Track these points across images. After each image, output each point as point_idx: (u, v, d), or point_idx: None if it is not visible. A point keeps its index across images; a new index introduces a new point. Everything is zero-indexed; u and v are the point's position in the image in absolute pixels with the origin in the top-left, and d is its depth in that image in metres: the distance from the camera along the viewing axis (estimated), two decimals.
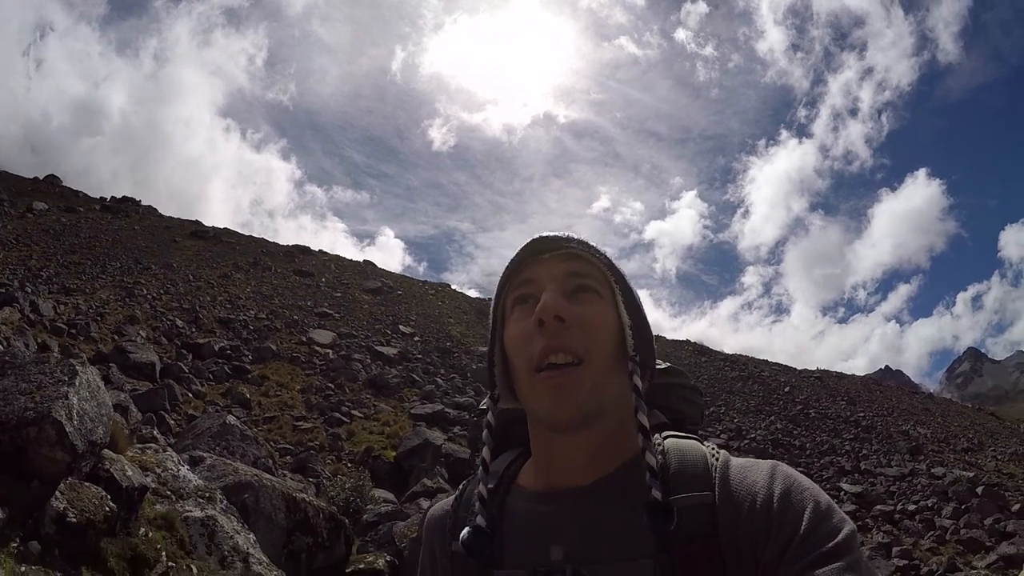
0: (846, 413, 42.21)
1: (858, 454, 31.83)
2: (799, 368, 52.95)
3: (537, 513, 1.09)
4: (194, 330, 25.45)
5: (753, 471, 1.02)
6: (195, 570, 5.46)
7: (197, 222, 50.03)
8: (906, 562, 19.34)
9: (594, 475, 1.06)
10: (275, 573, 6.35)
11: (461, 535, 1.08)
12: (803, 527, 0.93)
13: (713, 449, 1.09)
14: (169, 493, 6.58)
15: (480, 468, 1.14)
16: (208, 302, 30.17)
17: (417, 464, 17.66)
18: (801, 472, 1.04)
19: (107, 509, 5.17)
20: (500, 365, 1.15)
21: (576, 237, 1.13)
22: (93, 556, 4.80)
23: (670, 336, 55.43)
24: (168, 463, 7.21)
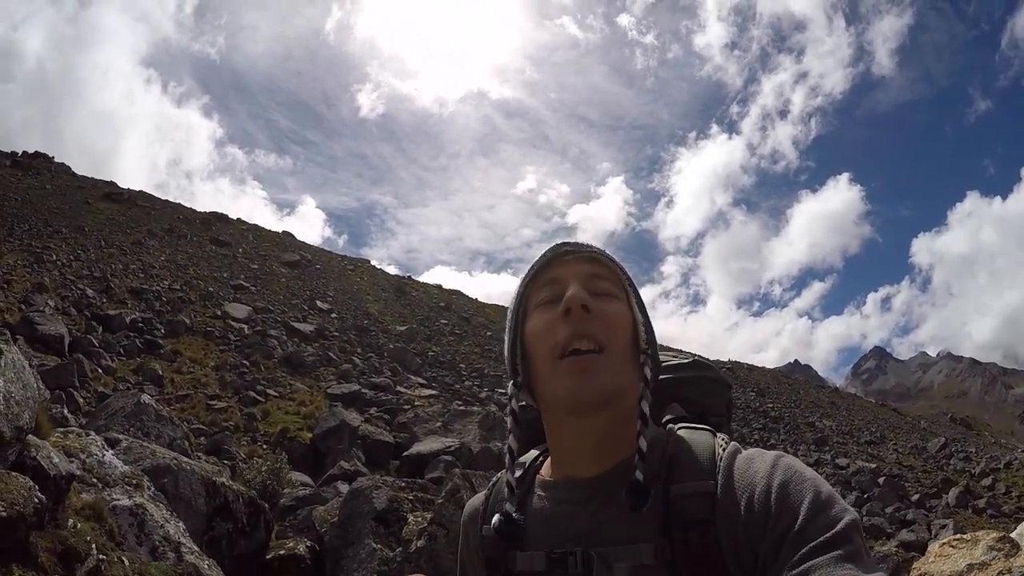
0: (755, 404, 43.93)
1: (766, 444, 32.99)
2: (712, 358, 54.98)
3: (553, 501, 1.17)
4: (105, 300, 24.52)
5: (756, 462, 1.05)
6: (127, 562, 5.38)
7: (111, 183, 48.15)
8: None
9: (601, 467, 1.13)
10: (207, 563, 6.30)
11: (492, 521, 1.16)
12: (801, 517, 0.95)
13: (723, 440, 1.13)
14: (95, 480, 6.43)
15: (507, 457, 1.20)
16: (120, 270, 29.13)
17: (334, 446, 17.51)
18: None
19: (36, 500, 5.03)
20: (520, 361, 1.21)
21: (600, 248, 1.22)
22: (23, 552, 4.68)
23: None
24: (92, 448, 7.03)
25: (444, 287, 59.59)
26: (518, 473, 1.24)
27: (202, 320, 26.32)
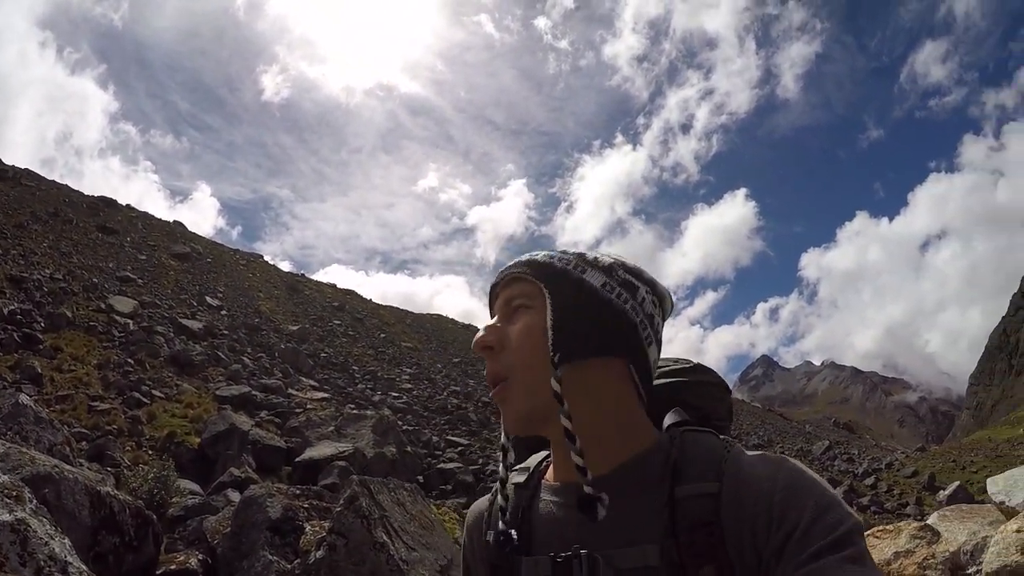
0: None
1: None
2: None
3: (557, 504, 1.18)
4: None
5: (760, 465, 1.06)
6: None
7: None
8: None
9: (600, 470, 1.13)
10: None
11: (488, 535, 1.21)
12: (805, 520, 0.96)
13: (727, 443, 1.14)
14: None
15: (498, 484, 1.23)
16: None
17: (223, 451, 16.92)
18: None
19: None
20: None
21: (527, 258, 1.21)
22: None
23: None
24: None
25: (338, 286, 58.88)
26: (523, 478, 1.27)
27: (85, 314, 24.96)
